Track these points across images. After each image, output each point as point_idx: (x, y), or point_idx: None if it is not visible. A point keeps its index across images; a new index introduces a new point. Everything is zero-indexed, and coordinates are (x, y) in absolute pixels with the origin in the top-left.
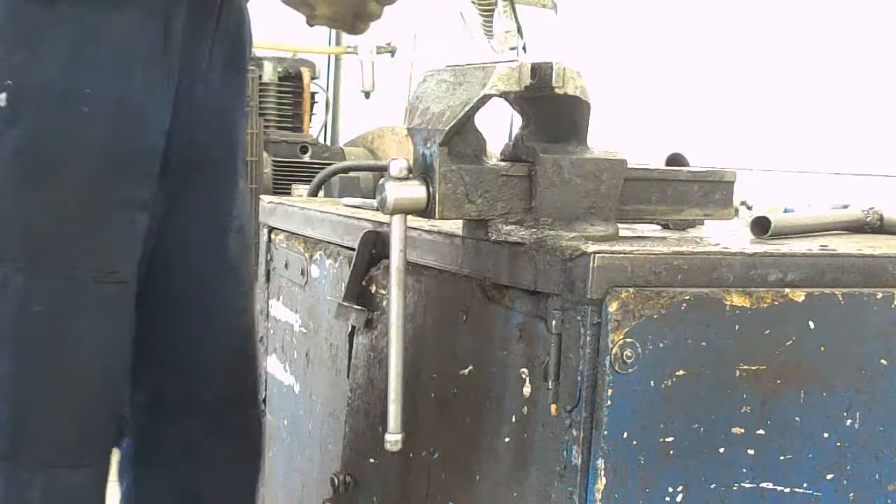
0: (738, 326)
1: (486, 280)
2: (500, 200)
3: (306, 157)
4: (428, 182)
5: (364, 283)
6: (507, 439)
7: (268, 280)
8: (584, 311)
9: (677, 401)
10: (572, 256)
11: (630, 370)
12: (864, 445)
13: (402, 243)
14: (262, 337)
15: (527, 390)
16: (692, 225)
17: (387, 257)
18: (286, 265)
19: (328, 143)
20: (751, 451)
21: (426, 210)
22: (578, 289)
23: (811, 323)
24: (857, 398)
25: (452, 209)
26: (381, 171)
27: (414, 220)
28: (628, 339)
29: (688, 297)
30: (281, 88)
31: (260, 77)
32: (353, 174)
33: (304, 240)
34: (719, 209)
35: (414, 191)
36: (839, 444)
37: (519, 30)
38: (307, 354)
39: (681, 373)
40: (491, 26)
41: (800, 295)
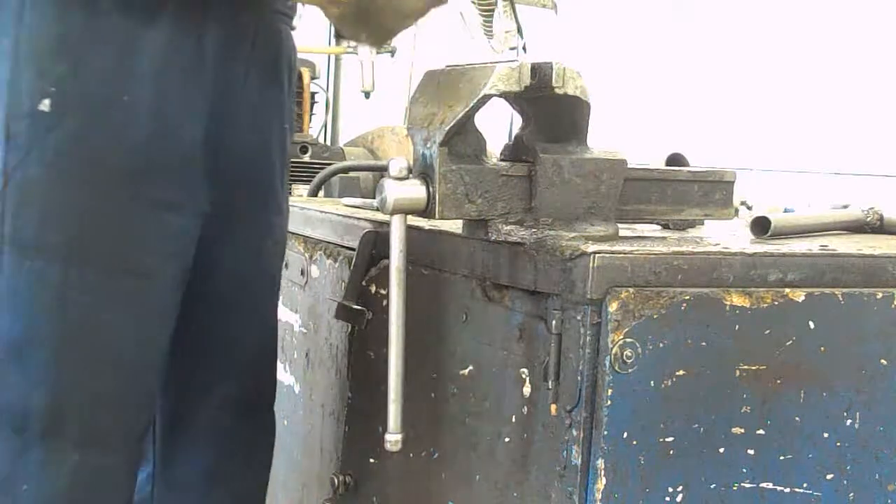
0: (738, 326)
1: (486, 280)
2: (500, 200)
3: (306, 157)
4: (428, 182)
5: (364, 283)
6: (507, 439)
7: None
8: (584, 311)
9: (677, 401)
10: (572, 256)
11: (630, 370)
12: (864, 445)
13: (402, 243)
14: None
15: (527, 390)
16: (692, 225)
17: (387, 257)
18: (286, 265)
19: (328, 143)
20: (751, 451)
21: (426, 210)
22: (578, 289)
23: (811, 323)
24: (857, 398)
25: (452, 209)
26: (381, 171)
27: (414, 220)
28: (628, 339)
29: (688, 297)
30: None
31: None
32: (353, 174)
33: (304, 240)
34: (719, 209)
35: (414, 191)
36: (839, 444)
37: (519, 30)
38: (307, 354)
39: (681, 373)
40: (491, 26)
41: (800, 295)
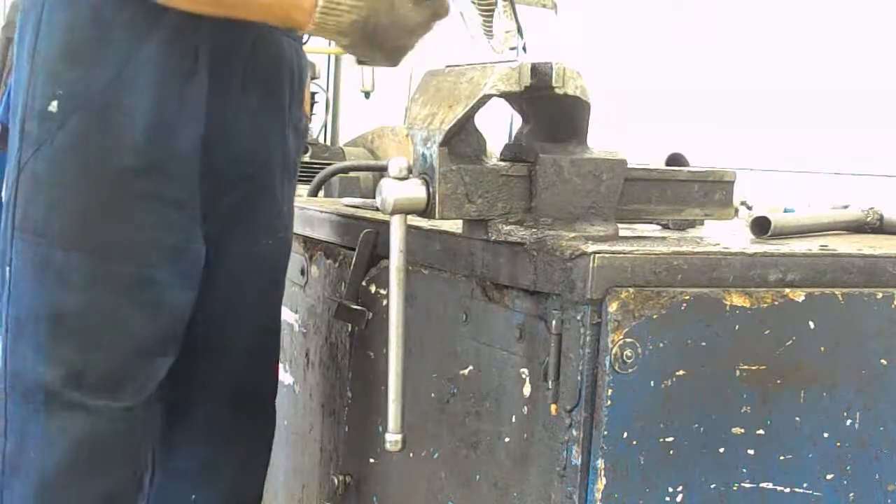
0: (738, 326)
1: (486, 280)
2: (500, 200)
3: (306, 157)
4: (428, 182)
5: (364, 283)
6: (507, 439)
7: None
8: (584, 311)
9: (677, 401)
10: (572, 256)
11: (630, 370)
12: (864, 445)
13: (402, 243)
14: None
15: (527, 390)
16: (692, 225)
17: (387, 257)
18: None
19: (328, 143)
20: (751, 451)
21: (426, 210)
22: (578, 289)
23: (811, 323)
24: (857, 398)
25: (452, 209)
26: (381, 171)
27: (414, 220)
28: (628, 339)
29: (688, 297)
30: None
31: None
32: (353, 174)
33: (304, 240)
34: (719, 209)
35: (414, 191)
36: (839, 444)
37: (519, 30)
38: (307, 354)
39: (681, 373)
40: (491, 26)
41: (800, 295)
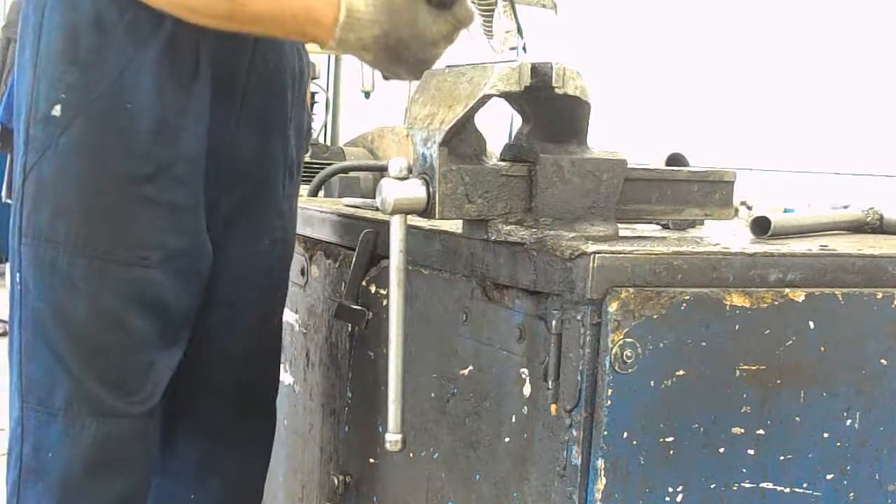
0: (738, 326)
1: (486, 280)
2: (500, 200)
3: (306, 157)
4: (428, 182)
5: (364, 283)
6: (507, 439)
7: None
8: (584, 311)
9: (677, 401)
10: (572, 256)
11: (630, 370)
12: (864, 445)
13: (402, 243)
14: None
15: (527, 390)
16: (692, 225)
17: (387, 257)
18: None
19: (328, 143)
20: (751, 451)
21: (426, 210)
22: (578, 289)
23: (811, 323)
24: (857, 398)
25: (452, 209)
26: (381, 171)
27: (414, 220)
28: (628, 339)
29: (688, 297)
30: None
31: None
32: (353, 174)
33: (304, 240)
34: (719, 209)
35: (414, 191)
36: (839, 444)
37: (519, 30)
38: (307, 354)
39: (681, 373)
40: (491, 26)
41: (800, 295)
